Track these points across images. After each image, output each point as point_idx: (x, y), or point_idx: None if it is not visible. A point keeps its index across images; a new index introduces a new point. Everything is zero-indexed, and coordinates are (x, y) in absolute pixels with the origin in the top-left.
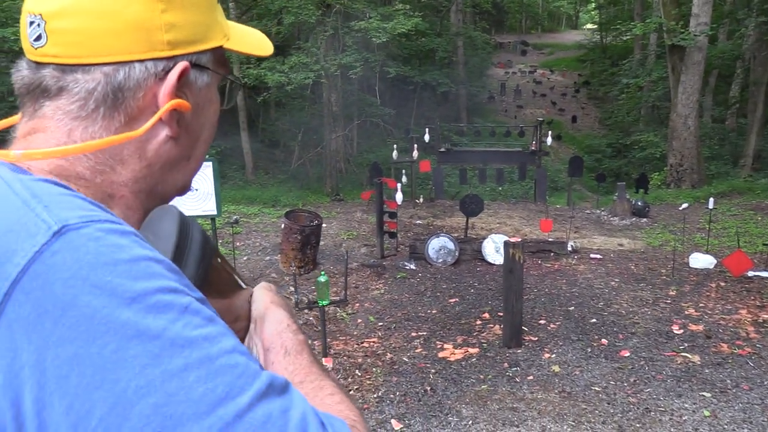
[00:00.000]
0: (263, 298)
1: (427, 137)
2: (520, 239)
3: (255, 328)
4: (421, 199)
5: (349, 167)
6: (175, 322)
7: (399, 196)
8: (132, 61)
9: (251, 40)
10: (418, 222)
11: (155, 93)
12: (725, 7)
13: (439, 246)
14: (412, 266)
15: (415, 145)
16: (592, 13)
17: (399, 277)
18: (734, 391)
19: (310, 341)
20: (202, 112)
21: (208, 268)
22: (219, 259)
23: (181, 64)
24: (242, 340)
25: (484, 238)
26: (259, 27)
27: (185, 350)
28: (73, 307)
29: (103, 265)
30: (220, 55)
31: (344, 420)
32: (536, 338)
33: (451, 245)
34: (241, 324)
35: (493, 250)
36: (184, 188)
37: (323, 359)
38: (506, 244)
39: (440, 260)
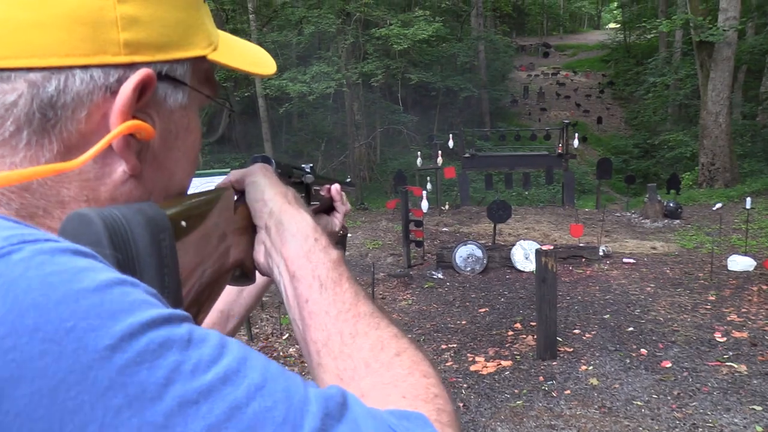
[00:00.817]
0: (273, 196)
1: (451, 143)
2: (551, 246)
3: (271, 238)
4: (447, 206)
5: (373, 175)
6: (179, 368)
7: (424, 204)
8: (71, 67)
9: (248, 55)
10: (444, 229)
11: (106, 113)
12: (753, 0)
13: (466, 254)
14: (440, 275)
15: (439, 152)
16: (615, 12)
17: (427, 286)
18: None
19: None
20: (175, 143)
21: (173, 259)
22: (184, 222)
23: (142, 72)
24: (245, 254)
25: (513, 245)
26: (279, 38)
27: (202, 407)
28: (19, 382)
29: (57, 303)
30: (205, 70)
31: (423, 415)
32: (571, 349)
33: (479, 253)
34: (232, 239)
35: (523, 256)
36: None
37: None
38: (538, 252)
39: (468, 268)
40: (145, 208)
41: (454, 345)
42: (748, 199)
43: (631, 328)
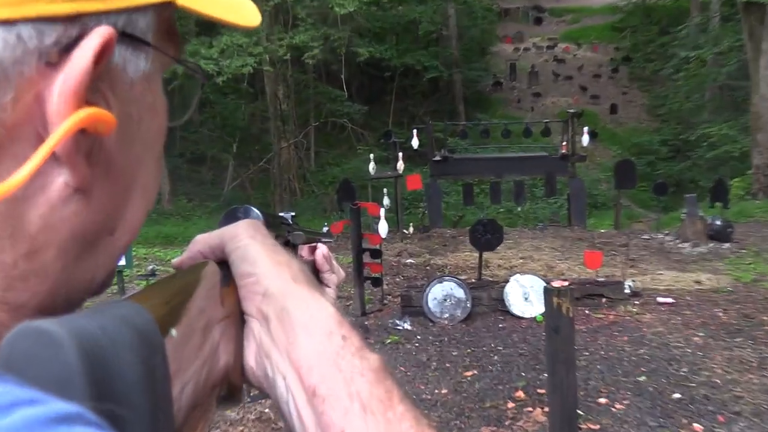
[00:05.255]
0: (269, 269)
1: (415, 142)
2: (567, 283)
3: (270, 332)
4: (411, 229)
5: (307, 187)
6: None
7: (383, 227)
8: None
9: None
10: (409, 261)
11: (39, 94)
12: None
13: (443, 295)
14: (407, 325)
15: (400, 154)
16: None
17: (390, 342)
18: None
19: None
20: (137, 133)
21: (168, 391)
22: (174, 331)
23: (103, 31)
24: (235, 357)
25: (506, 281)
26: None
27: None
28: None
29: None
30: (167, 19)
31: None
32: (598, 426)
33: (460, 293)
34: (219, 333)
35: (521, 297)
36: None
37: None
38: (548, 291)
39: (446, 315)
40: (131, 315)
41: (434, 424)
42: None
43: (677, 395)
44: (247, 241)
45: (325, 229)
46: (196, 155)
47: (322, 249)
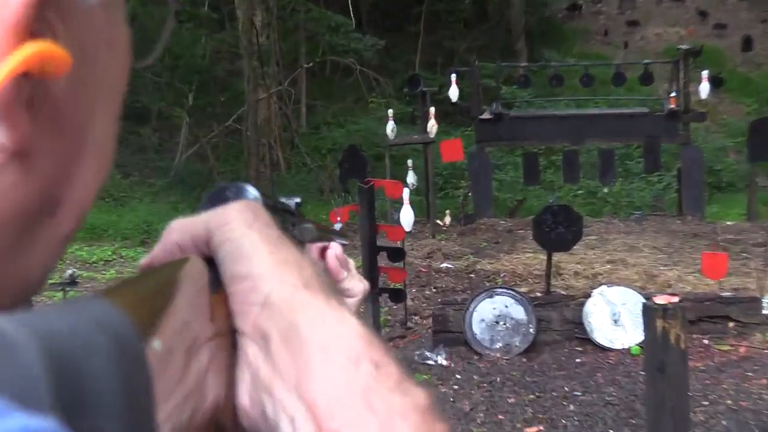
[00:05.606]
0: (270, 269)
1: (454, 92)
2: (677, 299)
3: (271, 357)
4: (448, 219)
5: (296, 157)
6: None
7: (407, 215)
8: None
9: None
10: (444, 266)
11: None
12: None
13: (494, 315)
14: (442, 359)
15: (431, 110)
16: None
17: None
18: None
19: None
20: (93, 75)
21: (152, 415)
22: (158, 342)
23: None
24: (227, 390)
25: (587, 296)
26: None
27: None
28: None
29: None
30: None
31: None
32: None
33: (519, 312)
34: (206, 357)
35: (608, 318)
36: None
37: None
38: (648, 310)
39: (499, 345)
40: (103, 314)
41: None
42: None
43: None
44: (242, 231)
45: (337, 227)
46: (135, 110)
47: (335, 249)
